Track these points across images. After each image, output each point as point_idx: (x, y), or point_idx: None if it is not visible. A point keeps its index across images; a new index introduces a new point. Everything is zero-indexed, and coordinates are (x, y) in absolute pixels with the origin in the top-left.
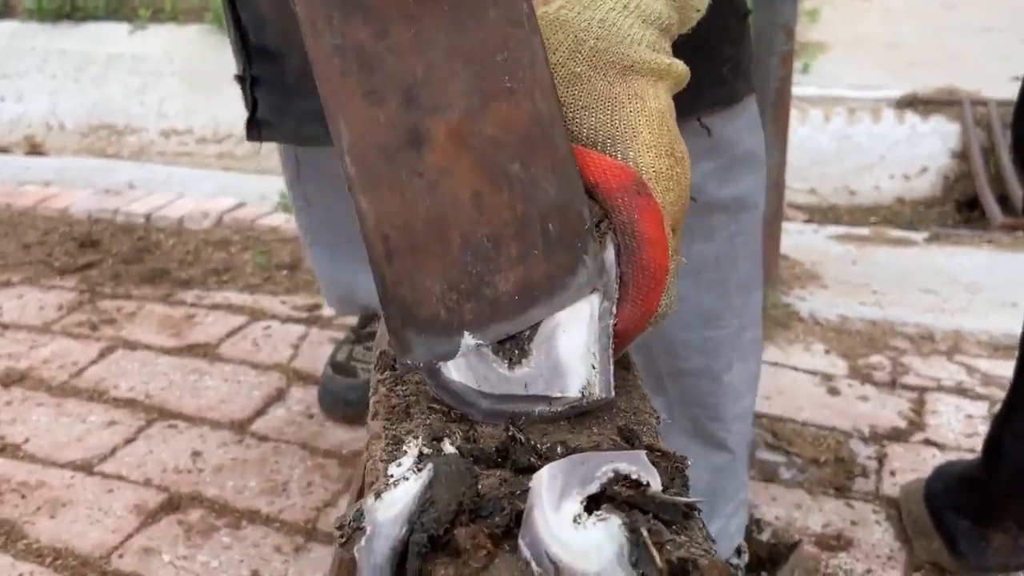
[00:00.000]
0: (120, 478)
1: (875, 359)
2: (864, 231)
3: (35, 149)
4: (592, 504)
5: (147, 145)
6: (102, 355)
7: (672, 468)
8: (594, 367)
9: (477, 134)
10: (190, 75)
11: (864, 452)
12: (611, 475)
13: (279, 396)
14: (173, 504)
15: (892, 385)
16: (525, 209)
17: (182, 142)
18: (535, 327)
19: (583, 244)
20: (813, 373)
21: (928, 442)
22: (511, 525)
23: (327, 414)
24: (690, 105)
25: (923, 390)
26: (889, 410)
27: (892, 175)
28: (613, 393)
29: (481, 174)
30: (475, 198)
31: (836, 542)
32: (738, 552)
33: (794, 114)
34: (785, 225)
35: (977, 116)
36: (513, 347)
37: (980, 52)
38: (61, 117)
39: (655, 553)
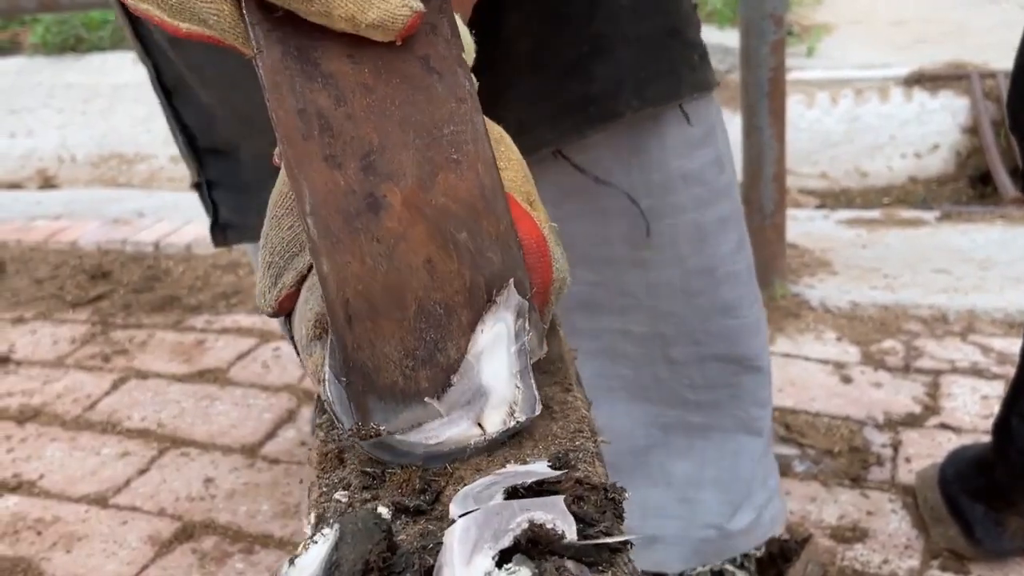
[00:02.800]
0: (134, 509)
1: (888, 344)
2: (874, 214)
3: (48, 183)
4: (505, 556)
5: (157, 172)
6: (115, 386)
7: (602, 501)
8: (518, 387)
9: (428, 203)
10: None
11: (879, 440)
12: (525, 526)
13: (289, 417)
14: (187, 533)
15: (906, 370)
16: (473, 277)
17: None
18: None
19: (523, 318)
20: (825, 362)
21: (944, 426)
22: None
23: None
24: (673, 91)
25: (938, 373)
26: (903, 395)
27: (903, 154)
28: (539, 410)
29: (433, 241)
30: (428, 265)
31: (852, 533)
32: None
33: (800, 98)
34: (793, 212)
35: (986, 89)
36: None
37: (986, 24)
38: (72, 149)
39: None
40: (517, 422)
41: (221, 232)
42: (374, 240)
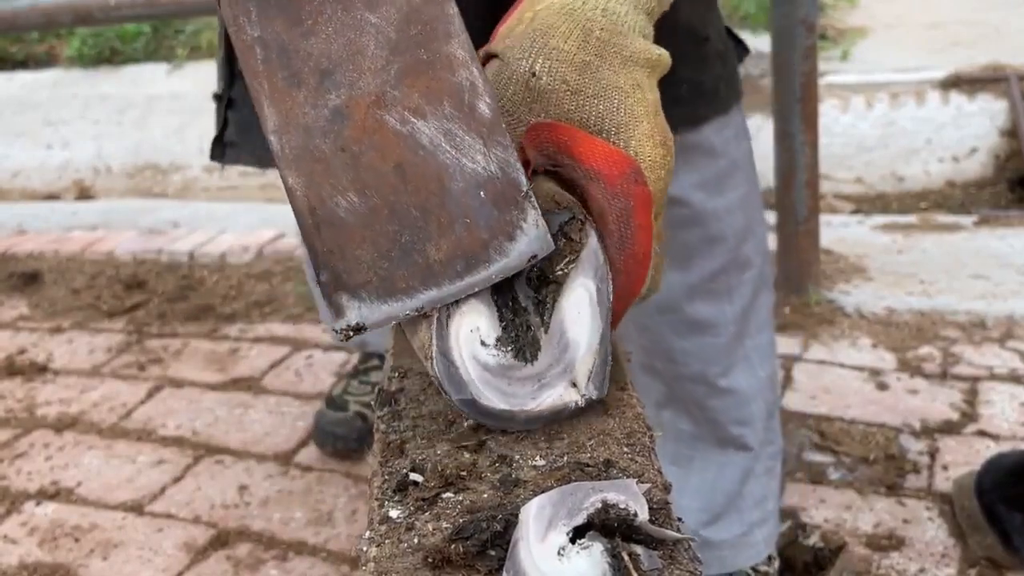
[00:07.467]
0: (169, 516)
1: (924, 350)
2: (910, 219)
3: (84, 193)
4: (579, 533)
5: (191, 182)
6: (150, 395)
7: (665, 498)
8: (597, 354)
9: (395, 107)
10: None
11: (915, 447)
12: (599, 505)
13: None
14: (221, 540)
15: (943, 376)
16: (450, 179)
17: (225, 176)
18: (548, 321)
19: (520, 211)
20: (860, 369)
21: (982, 433)
22: (487, 545)
23: (319, 448)
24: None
25: (975, 379)
26: (940, 402)
27: (940, 158)
28: (606, 390)
29: (402, 146)
30: (398, 170)
31: (888, 542)
32: (768, 559)
33: (835, 103)
34: (828, 218)
35: None
36: (530, 345)
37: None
38: (107, 160)
39: None
40: (591, 396)
41: (220, 148)
42: (338, 150)
